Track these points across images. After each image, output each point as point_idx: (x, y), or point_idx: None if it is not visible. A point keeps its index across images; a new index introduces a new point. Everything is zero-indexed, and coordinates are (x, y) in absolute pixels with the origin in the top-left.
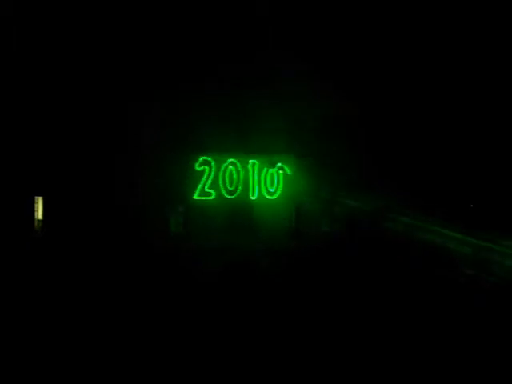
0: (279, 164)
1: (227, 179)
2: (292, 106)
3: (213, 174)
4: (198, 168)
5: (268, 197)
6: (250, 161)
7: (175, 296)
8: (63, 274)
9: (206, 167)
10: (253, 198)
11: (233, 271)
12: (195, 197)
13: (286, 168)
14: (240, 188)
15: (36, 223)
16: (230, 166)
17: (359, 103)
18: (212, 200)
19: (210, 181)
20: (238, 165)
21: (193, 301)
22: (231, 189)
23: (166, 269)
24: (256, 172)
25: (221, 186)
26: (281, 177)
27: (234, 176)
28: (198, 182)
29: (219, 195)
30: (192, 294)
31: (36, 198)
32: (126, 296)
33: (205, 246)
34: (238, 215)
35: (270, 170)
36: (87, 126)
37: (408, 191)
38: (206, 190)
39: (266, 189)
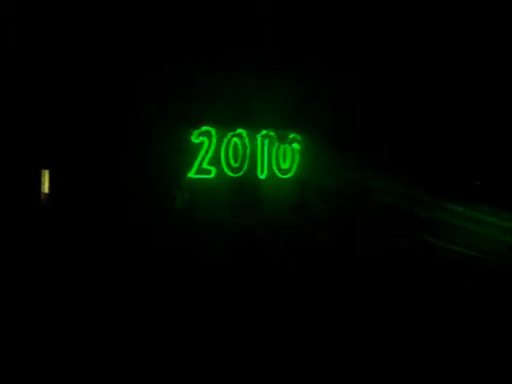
0: (291, 139)
1: (231, 154)
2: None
3: (213, 147)
4: (195, 140)
5: (280, 176)
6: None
7: (180, 272)
8: (68, 246)
9: (205, 138)
10: (262, 177)
11: (237, 251)
12: (191, 175)
13: (297, 144)
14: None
15: (42, 196)
16: (235, 138)
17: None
18: (212, 179)
19: (209, 156)
20: (246, 139)
21: (199, 278)
22: (236, 166)
23: (169, 245)
24: (266, 147)
25: (223, 162)
26: (290, 153)
27: (240, 151)
28: (196, 158)
29: (220, 173)
30: (198, 271)
31: (42, 171)
32: (131, 269)
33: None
34: (243, 196)
35: (282, 146)
36: (91, 102)
37: (416, 168)
38: (205, 166)
39: (278, 166)
